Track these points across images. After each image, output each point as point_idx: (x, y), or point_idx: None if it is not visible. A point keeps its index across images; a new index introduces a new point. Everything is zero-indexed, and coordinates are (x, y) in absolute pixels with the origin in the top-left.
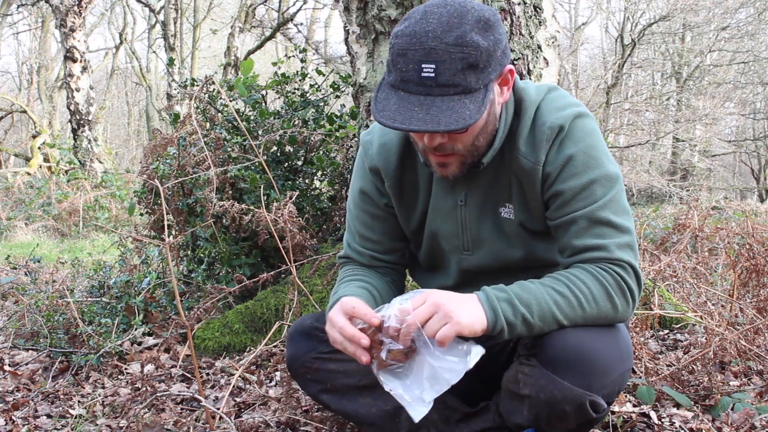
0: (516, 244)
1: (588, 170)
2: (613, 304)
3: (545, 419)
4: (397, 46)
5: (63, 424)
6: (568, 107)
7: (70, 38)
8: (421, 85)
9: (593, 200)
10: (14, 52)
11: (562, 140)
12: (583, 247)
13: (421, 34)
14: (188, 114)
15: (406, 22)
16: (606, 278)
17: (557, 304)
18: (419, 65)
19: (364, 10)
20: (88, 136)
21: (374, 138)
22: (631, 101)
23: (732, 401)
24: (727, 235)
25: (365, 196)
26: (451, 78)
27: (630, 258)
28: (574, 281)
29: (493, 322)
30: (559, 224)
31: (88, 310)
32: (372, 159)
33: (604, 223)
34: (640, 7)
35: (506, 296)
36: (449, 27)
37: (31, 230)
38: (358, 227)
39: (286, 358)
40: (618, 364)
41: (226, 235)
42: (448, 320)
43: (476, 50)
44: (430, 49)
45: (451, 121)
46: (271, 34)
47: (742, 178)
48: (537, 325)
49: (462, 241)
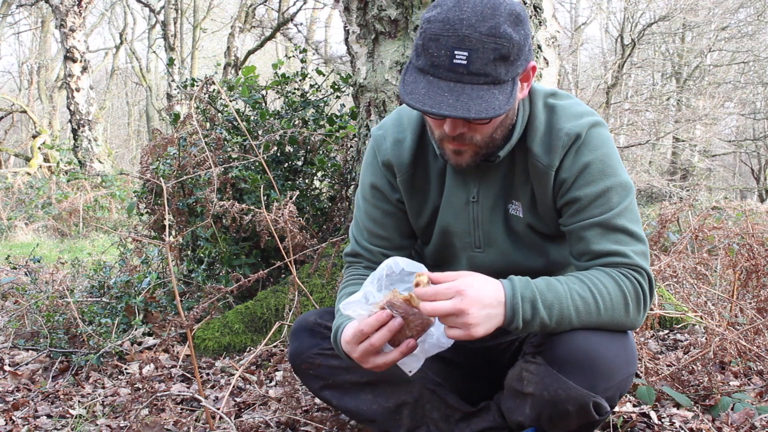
0: (526, 245)
1: (604, 178)
2: (627, 311)
3: (547, 418)
4: (429, 30)
5: (63, 424)
6: (585, 115)
7: (70, 38)
8: (452, 72)
9: (609, 207)
10: (14, 52)
11: (579, 148)
12: (603, 251)
13: (455, 21)
14: (188, 114)
15: (438, 8)
16: (626, 285)
17: (577, 309)
18: (452, 51)
19: (364, 10)
20: (88, 136)
21: (388, 133)
22: (631, 101)
23: (732, 401)
24: (727, 235)
25: (376, 191)
26: (483, 67)
27: (647, 266)
28: (597, 286)
29: (509, 321)
30: (574, 230)
31: (88, 310)
32: (386, 153)
33: (620, 230)
34: (640, 7)
35: (531, 296)
36: (483, 17)
37: (31, 230)
38: (367, 223)
39: (289, 354)
40: (623, 367)
41: (227, 235)
42: (464, 329)
43: (509, 42)
44: (464, 36)
45: (481, 110)
46: (271, 34)
47: (742, 178)
48: (551, 327)
49: (473, 237)
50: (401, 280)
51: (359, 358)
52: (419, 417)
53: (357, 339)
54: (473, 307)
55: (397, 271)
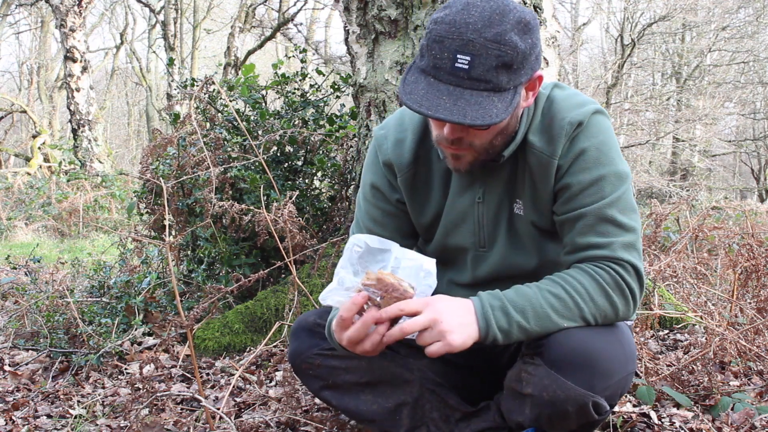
0: (526, 246)
1: (598, 166)
2: (611, 302)
3: (547, 419)
4: (435, 32)
5: (63, 424)
6: (587, 104)
7: (70, 38)
8: (453, 75)
9: (601, 197)
10: (14, 52)
11: (578, 134)
12: (585, 244)
13: (461, 25)
14: (188, 114)
15: (446, 10)
16: (603, 276)
17: (553, 307)
18: (454, 55)
19: (364, 10)
20: (88, 136)
21: (389, 133)
22: (631, 101)
23: (732, 401)
24: (727, 235)
25: (377, 191)
26: (484, 73)
27: (632, 257)
28: (569, 281)
29: (485, 332)
30: (564, 219)
31: (88, 310)
32: (386, 153)
33: (609, 221)
34: (640, 7)
35: (500, 304)
36: (490, 22)
37: (31, 230)
38: (368, 223)
39: (289, 354)
40: (622, 366)
41: (226, 235)
42: (441, 339)
43: (513, 50)
44: (468, 40)
45: (477, 116)
46: (271, 34)
47: (742, 178)
48: (534, 330)
49: (478, 237)
50: (374, 260)
51: (347, 345)
52: (419, 417)
53: (340, 327)
54: (444, 314)
55: (366, 250)
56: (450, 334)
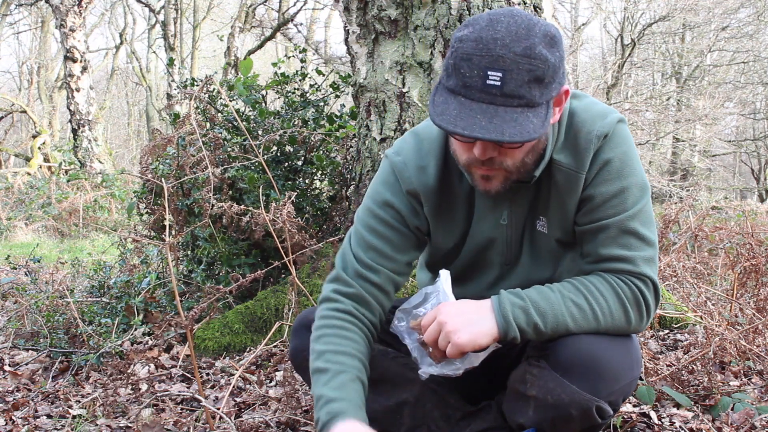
0: (546, 261)
1: (622, 177)
2: (627, 317)
3: (550, 422)
4: (461, 50)
5: (63, 424)
6: (609, 113)
7: (70, 38)
8: (485, 93)
9: (624, 209)
10: (14, 52)
11: (603, 145)
12: (608, 256)
13: (489, 41)
14: (188, 114)
15: (470, 28)
16: (625, 291)
17: (573, 317)
18: (485, 72)
19: (364, 10)
20: (88, 137)
21: (408, 159)
22: (631, 101)
23: (732, 401)
24: (727, 235)
25: (395, 213)
26: (517, 89)
27: (652, 273)
28: (593, 292)
29: (505, 330)
30: (586, 230)
31: (88, 310)
32: (410, 182)
33: (632, 233)
34: (640, 7)
35: (522, 303)
36: (518, 37)
37: (31, 230)
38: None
39: (290, 351)
40: (627, 371)
41: (226, 235)
42: (449, 340)
43: (544, 64)
44: (498, 56)
45: (515, 133)
46: (271, 34)
47: (742, 178)
48: (547, 334)
49: (504, 257)
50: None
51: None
52: (420, 416)
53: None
54: (448, 316)
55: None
56: (454, 334)
